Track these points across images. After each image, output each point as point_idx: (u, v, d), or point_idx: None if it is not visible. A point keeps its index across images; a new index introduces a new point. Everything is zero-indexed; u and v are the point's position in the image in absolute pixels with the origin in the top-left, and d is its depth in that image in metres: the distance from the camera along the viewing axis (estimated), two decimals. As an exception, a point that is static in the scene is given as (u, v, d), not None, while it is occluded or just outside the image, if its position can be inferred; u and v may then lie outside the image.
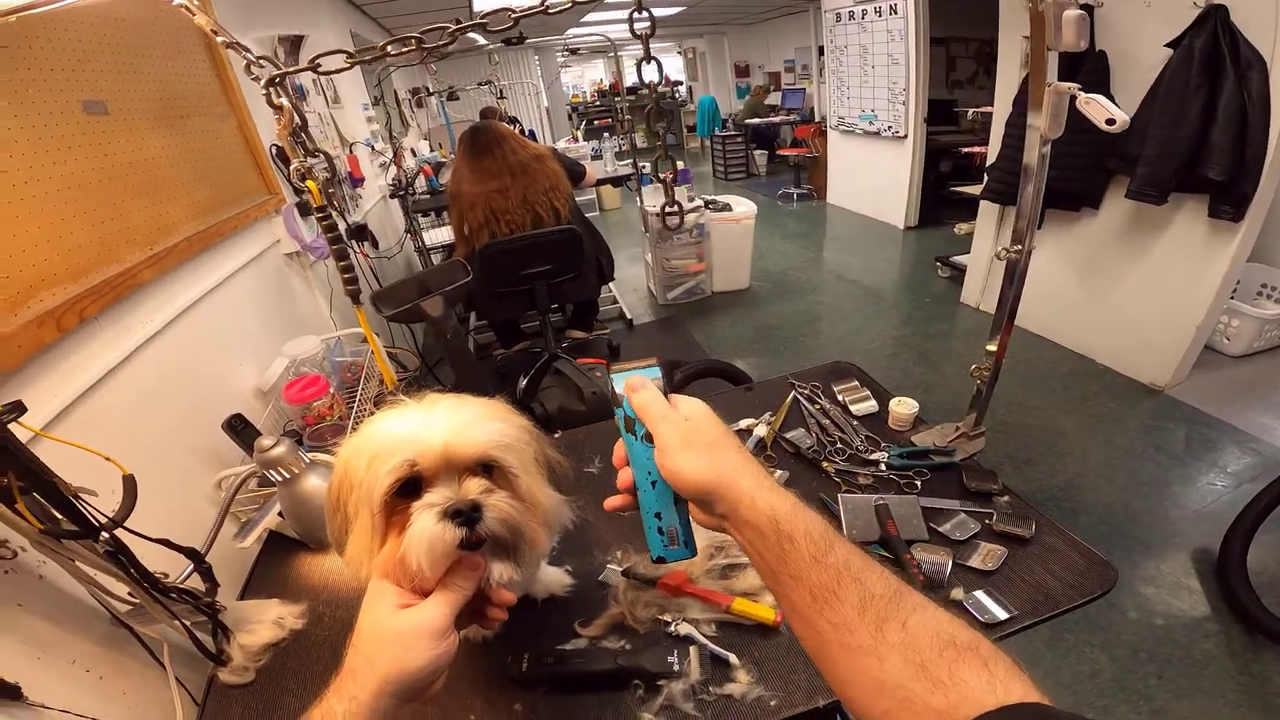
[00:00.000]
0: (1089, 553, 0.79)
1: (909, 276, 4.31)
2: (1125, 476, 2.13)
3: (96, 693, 0.79)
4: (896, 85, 4.78)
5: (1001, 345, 0.93)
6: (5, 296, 0.81)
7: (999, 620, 0.71)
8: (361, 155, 3.06)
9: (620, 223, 6.82)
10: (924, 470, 0.96)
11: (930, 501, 0.90)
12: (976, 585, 0.76)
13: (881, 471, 0.97)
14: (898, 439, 1.04)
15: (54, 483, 0.62)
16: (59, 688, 0.73)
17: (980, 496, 0.90)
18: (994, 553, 0.79)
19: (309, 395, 1.38)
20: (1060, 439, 2.38)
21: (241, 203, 1.63)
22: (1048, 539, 0.81)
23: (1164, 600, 1.66)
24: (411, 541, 0.44)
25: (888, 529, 0.84)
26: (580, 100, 12.27)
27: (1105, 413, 2.53)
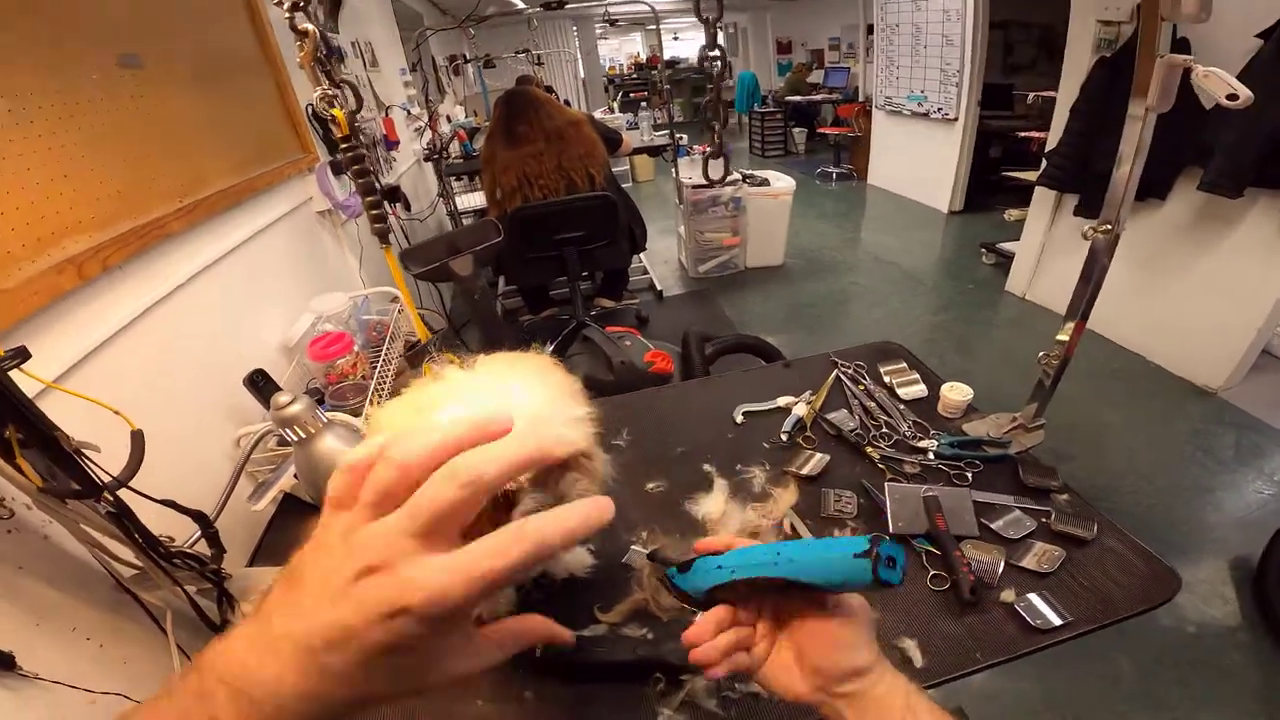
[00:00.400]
0: (1151, 558, 0.73)
1: (951, 261, 4.15)
2: (1169, 479, 2.05)
3: (96, 661, 0.76)
4: (950, 67, 4.59)
5: (1076, 333, 0.85)
6: (25, 242, 0.79)
7: (1053, 626, 0.65)
8: (398, 119, 3.03)
9: (653, 194, 6.72)
10: (976, 462, 0.90)
11: (982, 496, 0.84)
12: (1030, 588, 0.70)
13: (930, 460, 0.90)
14: (948, 427, 0.97)
15: (55, 437, 0.58)
16: (57, 657, 0.71)
17: (1037, 493, 0.84)
18: (1050, 554, 0.74)
19: (333, 353, 1.36)
20: (1104, 437, 2.29)
21: (275, 160, 1.62)
22: (1108, 542, 0.75)
23: (1197, 608, 1.60)
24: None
25: (936, 523, 0.78)
26: (616, 73, 12.10)
27: (1153, 412, 2.43)
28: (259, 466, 1.07)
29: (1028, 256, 3.36)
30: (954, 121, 4.71)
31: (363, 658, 0.27)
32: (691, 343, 1.77)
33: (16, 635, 0.67)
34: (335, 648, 0.27)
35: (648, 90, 10.47)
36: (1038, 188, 3.10)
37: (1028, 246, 3.34)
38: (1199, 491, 1.99)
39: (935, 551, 0.76)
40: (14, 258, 0.76)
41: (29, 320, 0.77)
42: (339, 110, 1.14)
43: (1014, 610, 0.67)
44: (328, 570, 0.29)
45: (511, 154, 2.50)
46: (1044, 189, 3.06)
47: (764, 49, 10.24)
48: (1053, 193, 3.04)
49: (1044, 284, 3.32)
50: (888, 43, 5.29)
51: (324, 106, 1.16)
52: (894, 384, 1.05)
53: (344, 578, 0.28)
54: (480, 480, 0.28)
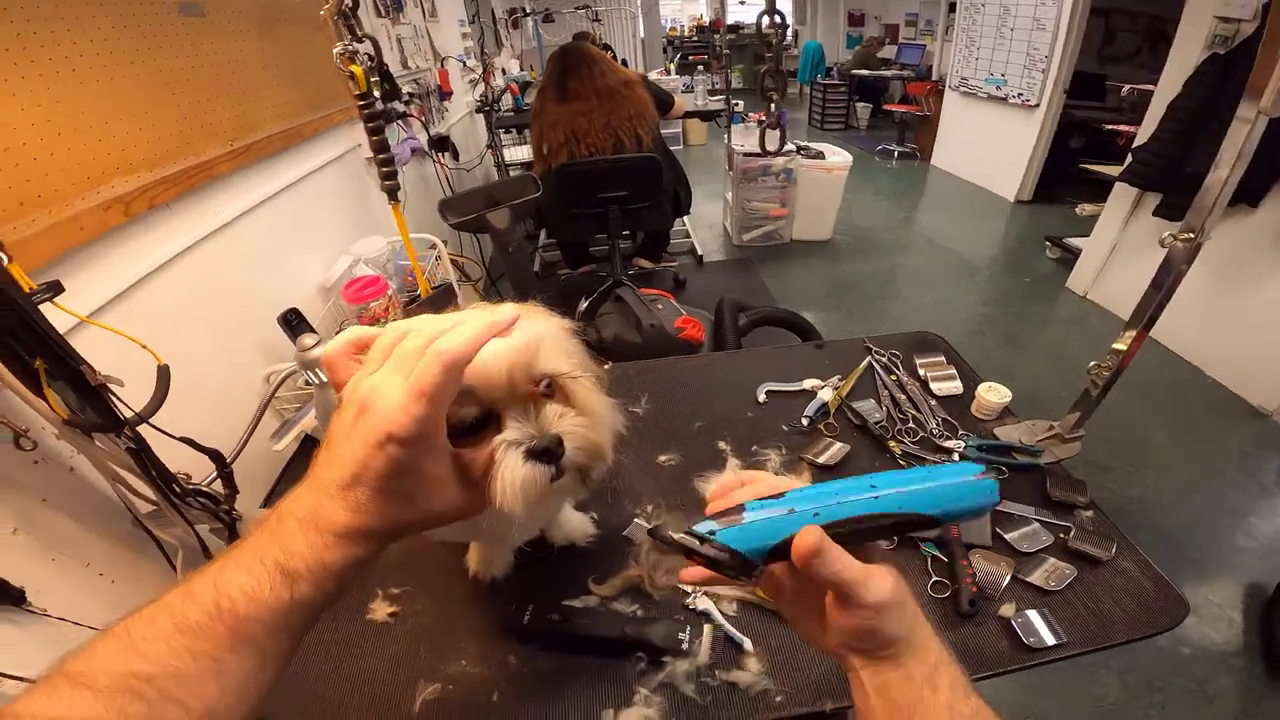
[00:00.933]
0: (1163, 583, 0.69)
1: (1011, 252, 3.94)
2: (1204, 498, 1.97)
3: (106, 598, 0.77)
4: (1037, 52, 4.27)
5: (1136, 343, 0.79)
6: (75, 180, 0.81)
7: (1046, 645, 0.63)
8: (453, 70, 3.01)
9: (703, 159, 6.57)
10: (1002, 468, 0.86)
11: (1003, 505, 0.80)
12: (1031, 604, 0.67)
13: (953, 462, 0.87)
14: (979, 429, 0.93)
15: (80, 370, 0.59)
16: (68, 593, 0.71)
17: (1060, 507, 0.79)
18: (1060, 571, 0.70)
19: (367, 295, 1.38)
20: (1145, 449, 2.19)
21: (327, 107, 1.65)
22: (1122, 563, 0.71)
23: (1201, 630, 1.56)
24: (506, 489, 0.39)
25: (949, 529, 0.75)
26: (677, 34, 11.70)
27: (1201, 430, 2.31)
28: (285, 405, 1.09)
29: (1095, 254, 3.16)
30: (1034, 108, 4.41)
31: (377, 485, 0.35)
32: (725, 311, 1.73)
33: (32, 570, 0.68)
34: (357, 482, 0.35)
35: (707, 54, 10.16)
36: (1118, 184, 2.90)
37: (1097, 244, 3.14)
38: (1233, 513, 1.92)
39: (942, 558, 0.73)
40: (62, 195, 0.78)
41: (72, 254, 0.78)
42: (358, 67, 1.13)
43: (1010, 625, 0.65)
44: (342, 420, 0.36)
45: (561, 109, 2.47)
46: (1125, 186, 2.86)
47: (834, 19, 9.80)
48: (1134, 191, 2.84)
49: (1108, 284, 3.13)
50: (970, 22, 4.97)
51: (344, 61, 1.15)
52: (928, 377, 1.01)
53: (349, 422, 0.36)
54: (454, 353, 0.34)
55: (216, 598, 0.34)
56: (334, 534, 0.36)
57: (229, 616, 0.34)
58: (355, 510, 0.36)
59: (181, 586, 0.35)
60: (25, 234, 0.70)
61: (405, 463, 0.35)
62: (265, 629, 0.34)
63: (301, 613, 0.36)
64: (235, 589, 0.34)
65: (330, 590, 0.36)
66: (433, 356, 0.34)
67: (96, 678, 0.32)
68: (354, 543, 0.36)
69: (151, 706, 0.32)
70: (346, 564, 0.36)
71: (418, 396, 0.34)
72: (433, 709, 0.62)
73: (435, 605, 0.72)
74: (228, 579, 0.35)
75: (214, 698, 0.33)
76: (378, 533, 0.37)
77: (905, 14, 8.14)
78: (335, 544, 0.36)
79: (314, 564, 0.35)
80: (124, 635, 0.34)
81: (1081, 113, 4.57)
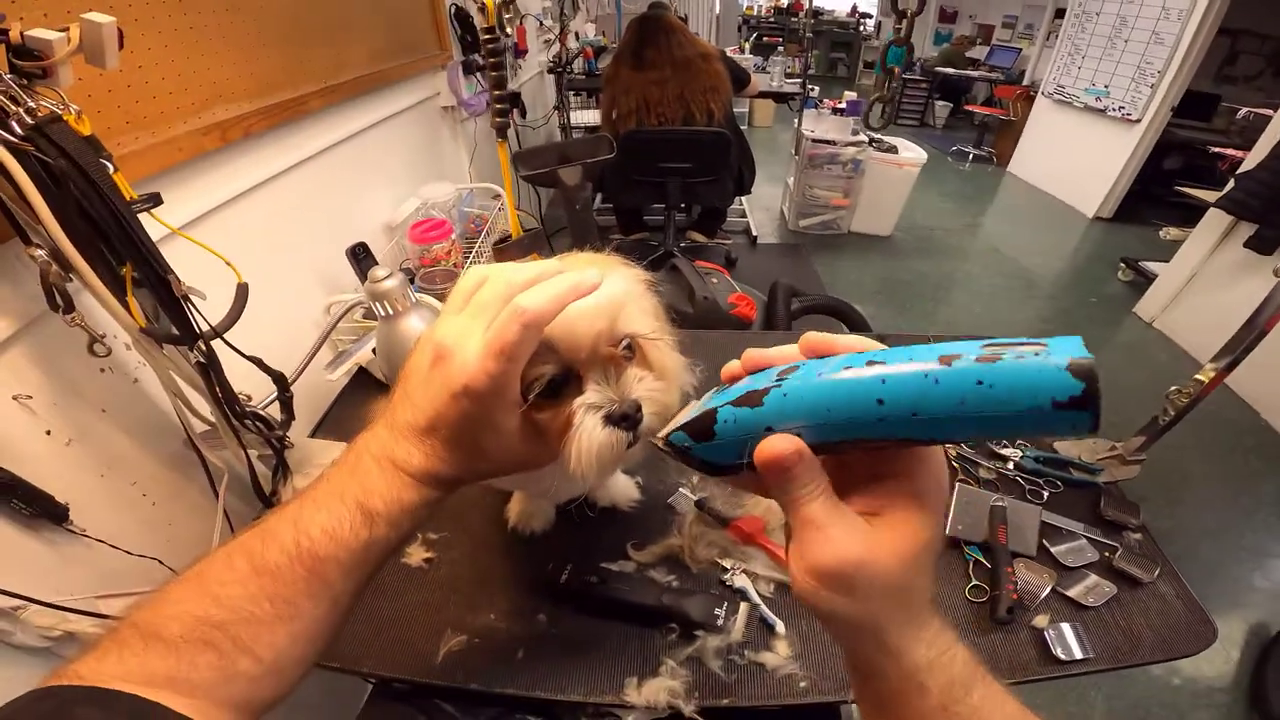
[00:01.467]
0: (1197, 609, 0.69)
1: (1081, 270, 3.78)
2: (1232, 538, 1.96)
3: (144, 520, 0.76)
4: (1150, 66, 4.03)
5: (1219, 377, 0.77)
6: (180, 105, 0.84)
7: (1075, 659, 0.63)
8: (530, 29, 3.00)
9: (767, 140, 6.44)
10: (1056, 482, 0.85)
11: (1052, 517, 0.79)
12: (1066, 617, 0.67)
13: (1008, 470, 0.86)
14: (1038, 440, 0.92)
15: (168, 280, 0.59)
16: (110, 514, 0.70)
17: (1110, 526, 0.79)
18: (1100, 588, 0.70)
19: (432, 237, 1.41)
20: (1185, 484, 2.14)
21: (413, 54, 1.67)
22: (1161, 587, 0.71)
23: (1196, 663, 1.56)
24: (583, 453, 0.38)
25: (997, 534, 0.75)
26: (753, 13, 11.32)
27: (1245, 470, 2.24)
28: (340, 335, 1.10)
29: (1172, 281, 3.01)
30: (1135, 123, 4.17)
31: (449, 434, 0.35)
32: (779, 294, 1.73)
33: (80, 485, 0.66)
34: (432, 428, 0.35)
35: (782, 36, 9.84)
36: (1213, 209, 2.74)
37: (1176, 270, 2.99)
38: (1255, 554, 1.92)
39: (985, 563, 0.74)
40: (166, 117, 0.82)
41: (166, 173, 0.81)
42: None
43: (1041, 636, 0.65)
44: (418, 362, 0.36)
45: (635, 76, 2.46)
46: (1218, 213, 2.70)
47: (925, 14, 9.38)
48: (1226, 219, 2.69)
49: (1179, 314, 2.98)
50: (1079, 30, 4.70)
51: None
52: (990, 384, 1.00)
53: (424, 366, 0.35)
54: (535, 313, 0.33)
55: (297, 536, 0.34)
56: (410, 474, 0.36)
57: (308, 557, 0.33)
58: (429, 455, 0.36)
59: (258, 527, 0.35)
60: (127, 150, 0.74)
61: (478, 415, 0.34)
62: (342, 569, 0.34)
63: (377, 553, 0.36)
64: (315, 527, 0.34)
65: (405, 529, 0.37)
66: (513, 314, 0.32)
67: (167, 626, 0.32)
68: (428, 485, 0.36)
69: (223, 657, 0.32)
70: (422, 503, 0.36)
71: (496, 353, 0.33)
72: (455, 660, 0.61)
73: (470, 554, 0.71)
74: (308, 518, 0.35)
75: (283, 647, 0.33)
76: (450, 479, 0.37)
77: (1004, 15, 7.86)
78: (411, 484, 0.36)
79: (392, 502, 0.35)
80: (197, 580, 0.34)
81: (1185, 132, 4.33)
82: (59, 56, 0.49)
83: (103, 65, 0.50)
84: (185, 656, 0.31)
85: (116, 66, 0.52)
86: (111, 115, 0.73)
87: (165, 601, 0.33)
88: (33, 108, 0.49)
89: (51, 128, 0.49)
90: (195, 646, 0.31)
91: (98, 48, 0.50)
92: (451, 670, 0.60)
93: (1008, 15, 7.79)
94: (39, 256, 0.54)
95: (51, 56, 0.48)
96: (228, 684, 0.32)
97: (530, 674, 0.60)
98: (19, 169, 0.48)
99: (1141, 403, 0.85)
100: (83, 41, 0.49)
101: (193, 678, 0.31)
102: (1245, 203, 2.53)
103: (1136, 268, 3.41)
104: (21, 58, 0.48)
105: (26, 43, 0.48)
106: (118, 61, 0.52)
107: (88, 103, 0.54)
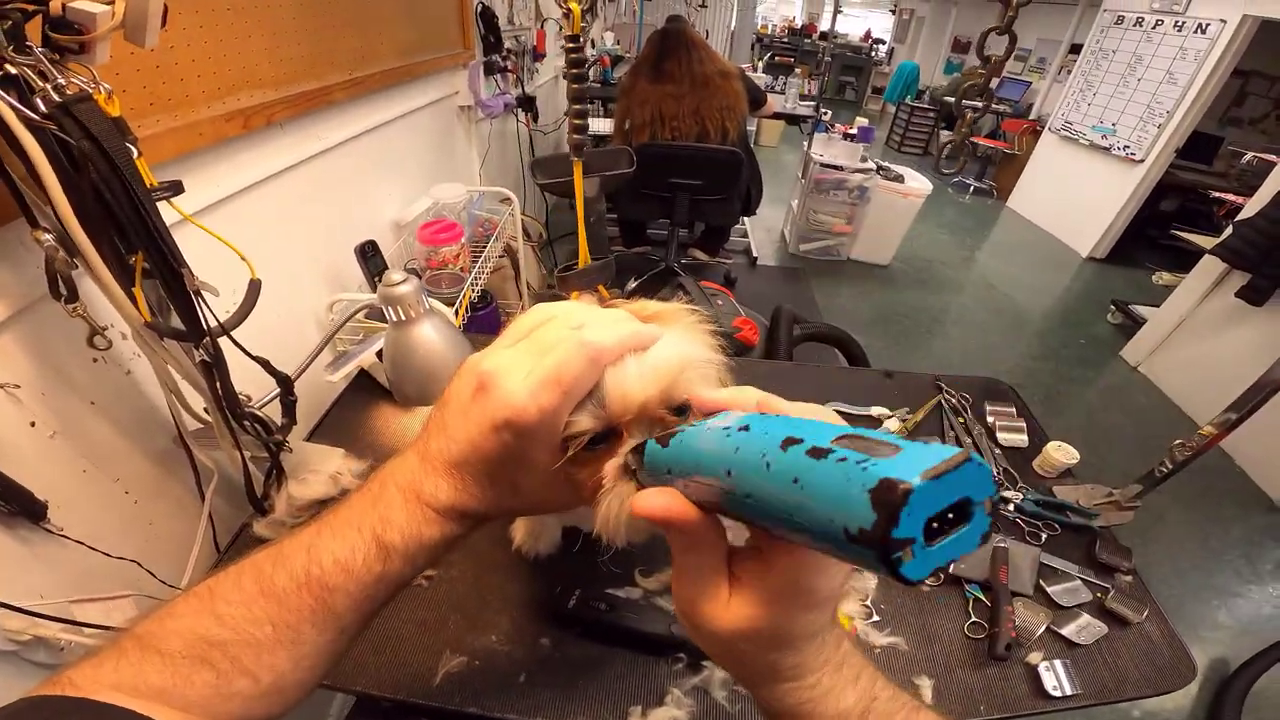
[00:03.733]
0: (1181, 649, 0.72)
1: (1071, 309, 3.83)
2: (1199, 578, 2.06)
3: (124, 519, 0.73)
4: (1160, 105, 4.07)
5: (1224, 432, 0.78)
6: (206, 89, 0.83)
7: (1065, 694, 0.65)
8: (549, 33, 3.01)
9: (772, 161, 6.47)
10: (1055, 525, 0.87)
11: (1050, 559, 0.82)
12: (1057, 654, 0.70)
13: (1009, 512, 0.88)
14: (1038, 483, 0.93)
15: (181, 273, 0.56)
16: (90, 511, 0.68)
17: (1103, 569, 0.82)
18: (1092, 627, 0.73)
19: (441, 239, 1.40)
20: (1157, 525, 2.22)
21: (437, 50, 1.67)
22: (1148, 627, 0.74)
23: (1158, 699, 1.56)
24: (610, 519, 0.34)
25: (999, 574, 0.77)
26: (767, 32, 11.51)
27: (1216, 515, 2.33)
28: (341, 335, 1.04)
29: (1160, 327, 3.05)
30: (1138, 163, 4.21)
31: (484, 469, 0.34)
32: (782, 321, 1.73)
33: (61, 480, 0.64)
34: (465, 461, 0.34)
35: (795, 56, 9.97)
36: (1208, 256, 2.76)
37: (1165, 316, 3.03)
38: (1222, 593, 2.01)
39: (985, 601, 0.75)
40: (191, 100, 0.80)
41: (185, 157, 0.79)
42: (575, 4, 1.10)
43: (1035, 672, 0.67)
44: (458, 390, 0.35)
45: (652, 88, 2.47)
46: (1213, 259, 2.72)
47: (936, 44, 9.54)
48: (1221, 266, 2.70)
49: (1165, 360, 3.02)
50: (1093, 66, 4.73)
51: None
52: (996, 426, 1.00)
53: (466, 396, 0.34)
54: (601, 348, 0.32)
55: (308, 564, 0.33)
56: (434, 509, 0.35)
57: (317, 586, 0.33)
58: (458, 490, 0.34)
59: (273, 548, 0.35)
60: (149, 132, 0.72)
61: (517, 451, 0.33)
62: (351, 601, 0.34)
63: (388, 586, 0.35)
64: (328, 557, 0.33)
65: (421, 564, 0.35)
66: (577, 345, 0.31)
67: (168, 641, 0.31)
68: (452, 520, 0.35)
69: (221, 676, 0.31)
70: (442, 540, 0.35)
71: (553, 384, 0.31)
72: (455, 682, 0.59)
73: (473, 574, 0.70)
74: (322, 546, 0.34)
75: (284, 670, 0.33)
76: (476, 514, 0.36)
77: (1018, 48, 7.89)
78: (434, 519, 0.35)
79: (410, 537, 0.34)
80: (205, 595, 0.33)
81: (1185, 174, 4.37)
82: (100, 32, 0.47)
83: (141, 43, 0.49)
84: (181, 672, 0.30)
85: (155, 45, 0.50)
86: (136, 95, 0.72)
87: (171, 615, 0.33)
88: (61, 84, 0.47)
89: (79, 107, 0.47)
90: (192, 663, 0.31)
91: (140, 24, 0.48)
92: (450, 692, 0.58)
93: (1021, 48, 7.83)
94: (45, 241, 0.51)
95: (92, 31, 0.46)
96: (224, 702, 0.31)
97: (533, 699, 0.59)
98: (36, 147, 0.46)
99: (1121, 445, 0.87)
100: (125, 17, 0.48)
101: (188, 694, 0.30)
102: (1241, 251, 2.54)
103: (1126, 310, 3.46)
104: (58, 30, 0.46)
105: (67, 15, 0.45)
106: (157, 40, 0.50)
107: (114, 81, 0.52)
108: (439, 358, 0.68)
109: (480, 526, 0.37)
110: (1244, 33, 3.57)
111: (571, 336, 0.32)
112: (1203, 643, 1.82)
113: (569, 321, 0.34)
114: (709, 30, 5.80)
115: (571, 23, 1.08)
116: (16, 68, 0.45)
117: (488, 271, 1.62)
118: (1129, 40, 4.37)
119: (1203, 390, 2.71)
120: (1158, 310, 3.10)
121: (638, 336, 0.34)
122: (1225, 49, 3.65)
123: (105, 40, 0.48)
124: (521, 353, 0.33)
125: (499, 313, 1.78)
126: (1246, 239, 2.51)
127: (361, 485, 0.37)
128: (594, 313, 0.35)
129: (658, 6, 5.97)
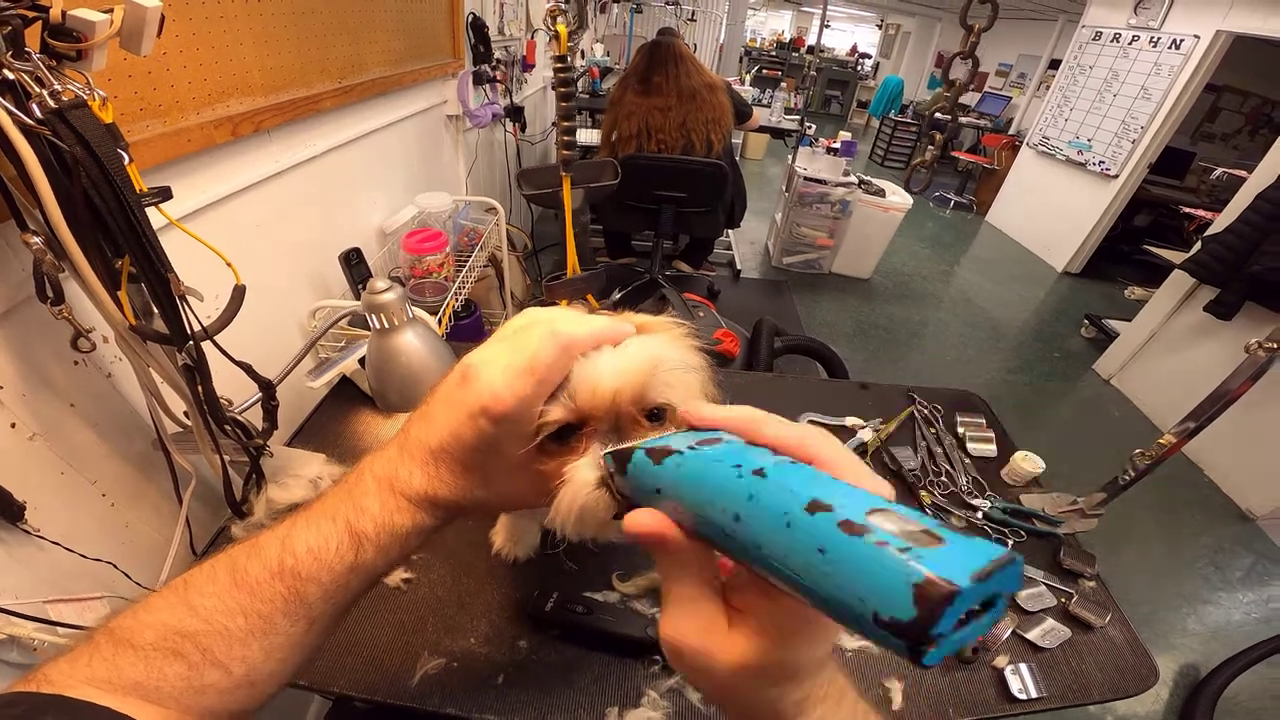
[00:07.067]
0: (1143, 653, 0.74)
1: (1045, 323, 3.93)
2: (1169, 585, 2.11)
3: (101, 521, 0.74)
4: (1134, 121, 4.16)
5: (1182, 441, 0.81)
6: (196, 95, 0.83)
7: (1030, 698, 0.67)
8: (539, 43, 3.04)
9: (757, 174, 6.57)
10: (1021, 532, 0.90)
11: None
12: (1023, 658, 0.72)
13: (978, 519, 0.90)
14: (1005, 493, 0.96)
15: (168, 278, 0.56)
16: (67, 513, 0.68)
17: (1068, 575, 0.85)
18: (1056, 632, 0.75)
19: (426, 248, 1.40)
20: (1128, 533, 2.28)
21: (426, 60, 1.68)
22: (1111, 631, 0.76)
23: (1129, 703, 1.64)
24: (563, 509, 0.35)
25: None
26: (755, 45, 11.71)
27: (1186, 524, 2.39)
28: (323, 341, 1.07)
29: (1131, 340, 3.14)
30: (1113, 179, 4.31)
31: (460, 456, 0.35)
32: (764, 333, 1.76)
33: (39, 482, 0.64)
34: (442, 449, 0.35)
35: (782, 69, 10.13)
36: (1177, 271, 2.83)
37: (1136, 330, 3.11)
38: (1191, 600, 2.06)
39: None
40: (181, 106, 0.81)
41: (172, 163, 0.79)
42: (562, 26, 1.12)
43: (1001, 675, 0.69)
44: (446, 384, 0.37)
45: (640, 101, 2.49)
46: (1182, 274, 2.79)
47: (921, 58, 9.70)
48: (1190, 281, 2.77)
49: (1136, 373, 3.11)
50: (1071, 82, 4.83)
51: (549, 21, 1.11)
52: (966, 436, 1.03)
53: (451, 387, 0.36)
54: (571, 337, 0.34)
55: (281, 554, 0.34)
56: (407, 498, 0.35)
57: (290, 575, 0.33)
58: (430, 478, 0.36)
59: (250, 540, 0.35)
60: (138, 138, 0.72)
61: (492, 440, 0.34)
62: (323, 591, 0.34)
63: (361, 577, 0.35)
64: (301, 546, 0.34)
65: (394, 556, 0.36)
66: (549, 336, 0.33)
67: (141, 634, 0.31)
68: (424, 510, 0.36)
69: (192, 668, 0.31)
70: (415, 529, 0.36)
71: (527, 372, 0.33)
72: (432, 684, 0.60)
73: (451, 577, 0.71)
74: (296, 535, 0.35)
75: (257, 662, 0.33)
76: (449, 504, 0.36)
77: (999, 63, 7.99)
78: (406, 508, 0.35)
79: (383, 526, 0.35)
80: (180, 588, 0.34)
81: (1157, 190, 4.47)
82: (98, 39, 0.47)
83: (138, 51, 0.50)
84: (154, 665, 0.31)
85: (150, 53, 0.51)
86: (127, 101, 0.72)
87: (146, 609, 0.33)
88: (57, 90, 0.47)
89: (74, 114, 0.48)
90: (164, 655, 0.31)
91: (137, 33, 0.49)
92: (427, 694, 0.59)
93: (1003, 63, 7.98)
94: (34, 244, 0.52)
95: (90, 39, 0.47)
96: (197, 694, 0.32)
97: (510, 700, 0.59)
98: (29, 153, 0.47)
99: (1092, 456, 0.90)
100: (123, 26, 0.49)
101: (161, 686, 0.31)
102: (1210, 266, 2.59)
103: (1099, 325, 3.56)
104: (57, 37, 0.47)
105: (67, 22, 0.46)
106: (152, 48, 0.51)
107: (106, 87, 0.53)
108: (421, 365, 0.68)
109: (451, 520, 0.38)
110: (1217, 48, 3.69)
111: (546, 328, 0.34)
112: (1174, 649, 1.85)
113: (550, 319, 0.36)
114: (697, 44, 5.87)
115: (559, 43, 1.09)
116: (14, 73, 0.45)
117: (472, 281, 1.63)
118: (1106, 56, 4.47)
119: (1173, 402, 2.78)
120: (1130, 324, 3.18)
121: (610, 330, 0.35)
122: (1199, 64, 3.76)
123: (102, 48, 0.49)
124: (503, 348, 0.35)
125: (482, 322, 1.78)
126: (1214, 254, 2.56)
127: (342, 476, 0.38)
128: (576, 315, 0.37)
129: (648, 19, 6.05)
